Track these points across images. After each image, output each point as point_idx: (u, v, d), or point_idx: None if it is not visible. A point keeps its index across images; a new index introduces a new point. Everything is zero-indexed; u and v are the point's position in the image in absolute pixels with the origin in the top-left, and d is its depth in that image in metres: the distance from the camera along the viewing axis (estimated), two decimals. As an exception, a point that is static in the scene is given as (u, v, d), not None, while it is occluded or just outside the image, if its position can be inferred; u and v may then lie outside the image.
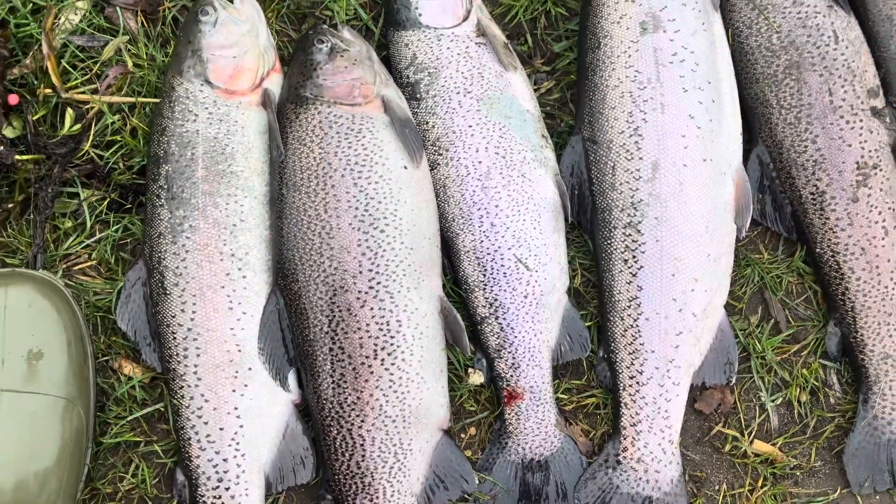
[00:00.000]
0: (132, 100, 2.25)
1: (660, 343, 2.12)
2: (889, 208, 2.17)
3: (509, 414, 2.14)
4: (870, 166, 2.16)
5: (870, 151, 2.17)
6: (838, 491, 2.20)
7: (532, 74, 2.33)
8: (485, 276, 2.14)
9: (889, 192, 2.17)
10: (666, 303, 2.12)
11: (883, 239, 2.15)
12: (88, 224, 2.20)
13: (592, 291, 2.26)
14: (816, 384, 2.25)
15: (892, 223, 2.17)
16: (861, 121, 2.17)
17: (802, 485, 2.21)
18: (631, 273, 2.13)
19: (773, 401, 2.25)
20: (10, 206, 2.19)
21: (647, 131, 2.13)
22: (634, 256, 2.12)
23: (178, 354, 2.04)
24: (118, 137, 2.23)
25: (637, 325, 2.12)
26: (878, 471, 2.15)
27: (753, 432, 2.23)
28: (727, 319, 2.18)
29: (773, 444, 2.23)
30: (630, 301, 2.13)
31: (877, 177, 2.16)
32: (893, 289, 2.15)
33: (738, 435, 2.22)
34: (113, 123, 2.23)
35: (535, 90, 2.30)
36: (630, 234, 2.13)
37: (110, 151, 2.23)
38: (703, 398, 2.23)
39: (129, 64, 2.26)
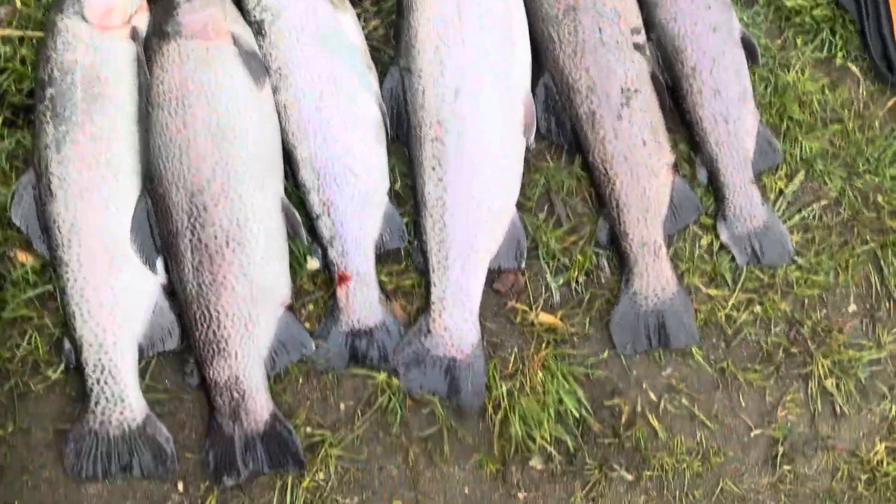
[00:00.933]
0: (21, 33, 2.33)
1: (462, 234, 2.32)
2: (648, 124, 2.42)
3: (340, 293, 2.32)
4: (632, 90, 2.41)
5: (632, 78, 2.42)
6: (607, 352, 2.43)
7: (361, 14, 2.47)
8: (319, 180, 2.31)
9: (647, 110, 2.43)
10: (466, 201, 2.33)
11: (642, 148, 2.41)
12: (-14, 139, 2.29)
13: (409, 192, 2.42)
14: (590, 267, 2.46)
15: (650, 136, 2.42)
16: (625, 53, 2.42)
17: (579, 347, 2.42)
18: (438, 177, 2.33)
19: (555, 281, 2.44)
20: (-82, 125, 2.24)
21: (451, 62, 2.34)
22: (440, 164, 2.33)
23: (63, 244, 2.19)
24: (10, 65, 2.31)
25: (443, 220, 2.33)
26: (637, 335, 2.41)
27: (540, 307, 2.42)
28: (518, 215, 2.37)
29: (556, 316, 2.42)
30: (437, 200, 2.34)
31: (637, 99, 2.42)
32: (649, 189, 2.41)
33: (527, 309, 2.41)
34: (5, 53, 2.32)
35: (363, 27, 2.44)
36: (437, 146, 2.34)
37: (3, 77, 2.31)
38: (499, 279, 2.41)
39: (18, 3, 2.34)
